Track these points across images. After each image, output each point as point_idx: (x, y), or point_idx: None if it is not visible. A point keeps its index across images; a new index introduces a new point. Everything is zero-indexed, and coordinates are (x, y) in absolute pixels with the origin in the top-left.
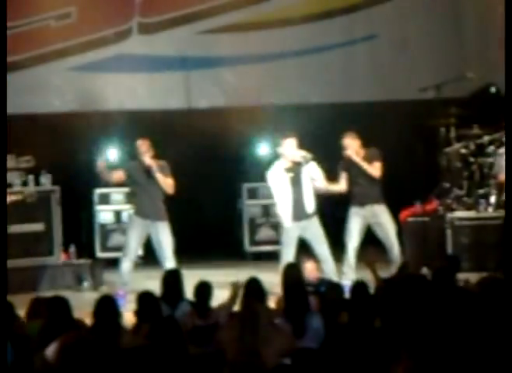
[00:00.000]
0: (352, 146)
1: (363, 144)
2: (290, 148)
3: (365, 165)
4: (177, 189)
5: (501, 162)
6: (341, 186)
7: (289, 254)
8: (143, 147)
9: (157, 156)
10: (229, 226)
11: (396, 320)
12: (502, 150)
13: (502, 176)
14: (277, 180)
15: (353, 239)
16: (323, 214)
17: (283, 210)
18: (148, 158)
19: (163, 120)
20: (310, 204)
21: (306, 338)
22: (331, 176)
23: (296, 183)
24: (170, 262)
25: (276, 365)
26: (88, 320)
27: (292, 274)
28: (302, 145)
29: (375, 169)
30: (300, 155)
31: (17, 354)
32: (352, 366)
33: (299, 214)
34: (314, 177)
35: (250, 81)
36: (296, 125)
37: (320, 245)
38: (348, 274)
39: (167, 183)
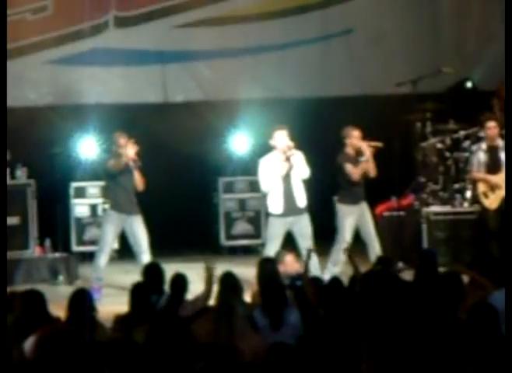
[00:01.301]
0: (357, 138)
1: (338, 139)
2: (281, 140)
3: (372, 163)
4: (153, 182)
5: (473, 159)
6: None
7: (272, 249)
8: (121, 140)
9: (139, 153)
10: (205, 220)
11: (366, 315)
12: (475, 147)
13: (474, 174)
14: (268, 170)
15: (346, 238)
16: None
17: (273, 200)
18: (130, 152)
19: (139, 113)
20: (301, 199)
21: (283, 332)
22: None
23: (287, 175)
24: (146, 255)
25: (251, 361)
26: (63, 314)
27: (268, 269)
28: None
29: (373, 170)
30: (287, 145)
31: None
32: (326, 360)
33: (289, 208)
34: (300, 168)
35: (227, 75)
36: (272, 119)
37: (306, 241)
38: (330, 269)
39: (141, 180)
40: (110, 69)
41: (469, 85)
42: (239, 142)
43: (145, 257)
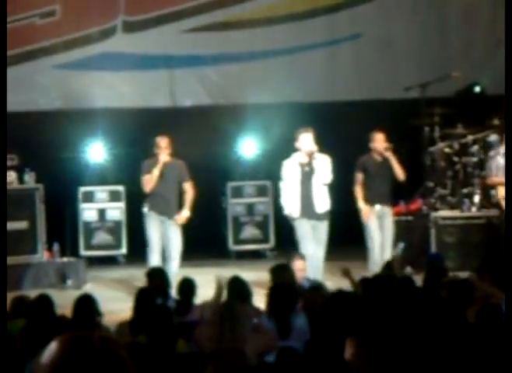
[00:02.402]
0: (382, 142)
1: (346, 143)
2: (306, 143)
3: (397, 167)
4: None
5: (492, 164)
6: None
7: (308, 247)
8: (162, 143)
9: (174, 154)
10: (213, 225)
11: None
12: (492, 152)
13: (494, 178)
14: (290, 171)
15: (376, 237)
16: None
17: (291, 202)
18: (163, 158)
19: (148, 118)
20: (320, 204)
21: (292, 338)
22: None
23: (308, 179)
24: (172, 262)
25: (259, 363)
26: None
27: (283, 275)
28: (286, 144)
29: (402, 172)
30: (311, 149)
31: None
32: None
33: (307, 211)
34: (322, 173)
35: (235, 80)
36: (279, 124)
37: (320, 248)
38: (371, 269)
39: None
40: (119, 74)
41: (477, 89)
42: (247, 147)
43: (172, 264)
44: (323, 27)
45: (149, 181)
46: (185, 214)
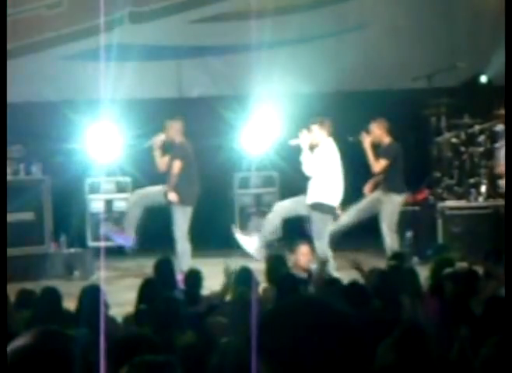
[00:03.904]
0: (374, 133)
1: (352, 134)
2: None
3: (370, 157)
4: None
5: (500, 153)
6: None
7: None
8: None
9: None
10: (220, 215)
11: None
12: (499, 143)
13: (502, 168)
14: (327, 159)
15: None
16: None
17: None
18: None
19: (154, 109)
20: (312, 195)
21: None
22: None
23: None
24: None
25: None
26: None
27: (278, 267)
28: (292, 134)
29: (377, 164)
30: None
31: None
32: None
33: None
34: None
35: (242, 71)
36: (286, 114)
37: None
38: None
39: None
40: (126, 64)
41: (484, 79)
42: (254, 137)
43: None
44: (330, 17)
45: None
46: None
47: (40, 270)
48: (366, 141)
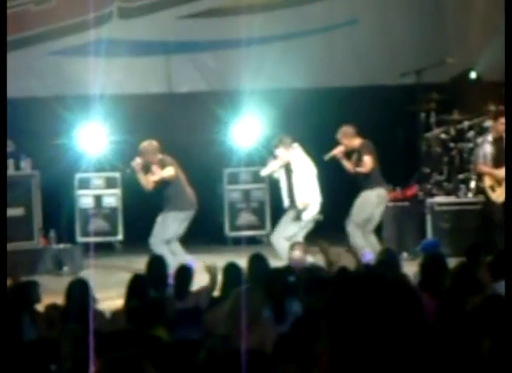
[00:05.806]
0: (344, 143)
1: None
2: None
3: (349, 166)
4: None
5: (479, 151)
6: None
7: None
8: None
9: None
10: (210, 211)
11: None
12: (480, 139)
13: (480, 167)
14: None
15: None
16: None
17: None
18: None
19: (144, 104)
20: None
21: (286, 323)
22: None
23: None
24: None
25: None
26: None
27: (259, 266)
28: (280, 130)
29: (364, 164)
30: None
31: None
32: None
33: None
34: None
35: (231, 66)
36: (276, 110)
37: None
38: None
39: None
40: (115, 60)
41: (473, 75)
42: (243, 133)
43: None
44: (320, 13)
45: None
46: None
47: (30, 265)
48: (339, 154)
